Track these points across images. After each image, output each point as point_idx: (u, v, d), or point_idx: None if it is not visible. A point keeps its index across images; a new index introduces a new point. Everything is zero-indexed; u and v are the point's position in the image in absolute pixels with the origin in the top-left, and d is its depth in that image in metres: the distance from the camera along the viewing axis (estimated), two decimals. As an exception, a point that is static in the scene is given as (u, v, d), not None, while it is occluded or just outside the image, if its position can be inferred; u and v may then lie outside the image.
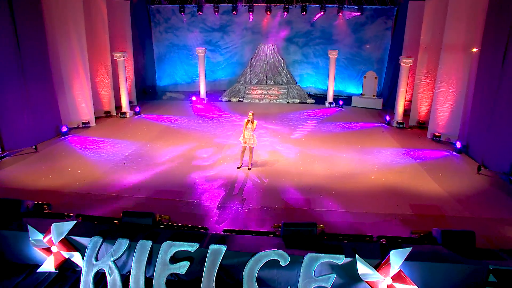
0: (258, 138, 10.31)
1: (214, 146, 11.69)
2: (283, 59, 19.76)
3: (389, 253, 4.88)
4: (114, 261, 5.84)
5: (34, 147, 11.14)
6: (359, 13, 18.51)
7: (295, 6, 19.07)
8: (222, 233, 6.40)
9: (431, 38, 13.02)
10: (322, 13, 18.81)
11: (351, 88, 19.59)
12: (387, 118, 14.63)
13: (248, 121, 9.41)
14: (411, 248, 4.94)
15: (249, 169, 9.86)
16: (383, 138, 12.95)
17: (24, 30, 11.09)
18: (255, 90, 19.37)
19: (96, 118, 14.61)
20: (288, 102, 18.77)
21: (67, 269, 5.81)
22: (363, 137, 13.00)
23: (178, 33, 20.53)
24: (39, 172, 9.59)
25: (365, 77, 17.61)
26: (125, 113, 15.46)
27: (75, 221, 5.96)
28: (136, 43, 18.62)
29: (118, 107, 15.75)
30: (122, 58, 15.03)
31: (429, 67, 13.30)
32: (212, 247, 5.59)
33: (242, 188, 8.74)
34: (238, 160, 10.03)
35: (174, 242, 5.78)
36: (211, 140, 12.34)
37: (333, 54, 17.15)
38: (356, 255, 5.02)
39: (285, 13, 19.06)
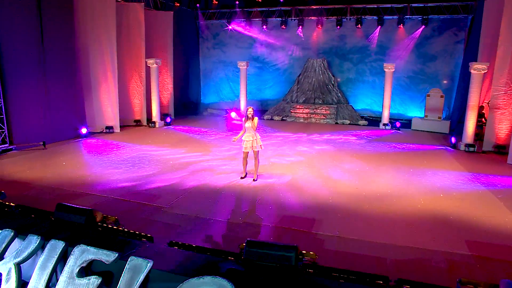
0: (280, 146, 8.42)
1: (226, 159, 10.03)
2: (333, 76, 17.81)
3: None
4: (17, 264, 4.25)
5: (42, 143, 10.60)
6: (423, 26, 16.03)
7: (349, 18, 17.27)
8: (166, 245, 4.60)
9: (514, 39, 10.23)
10: (379, 26, 16.71)
11: (413, 111, 16.74)
12: (453, 140, 11.71)
13: (247, 118, 7.64)
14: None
15: (254, 180, 7.96)
16: (444, 161, 10.15)
17: (50, 30, 10.94)
18: (300, 108, 17.58)
19: (125, 126, 14.09)
20: (336, 123, 16.60)
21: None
22: (416, 158, 10.34)
23: (225, 49, 19.88)
24: (28, 165, 8.86)
25: (428, 95, 14.81)
26: (154, 122, 14.71)
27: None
28: (182, 58, 18.31)
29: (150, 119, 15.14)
30: (155, 65, 14.47)
31: (512, 75, 10.41)
32: (133, 260, 3.76)
33: (238, 200, 6.87)
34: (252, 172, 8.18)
35: (89, 248, 4.06)
36: (223, 152, 10.72)
37: (389, 68, 14.82)
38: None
39: (338, 26, 17.33)
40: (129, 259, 3.60)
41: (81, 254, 3.99)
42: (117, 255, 3.80)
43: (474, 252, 5.13)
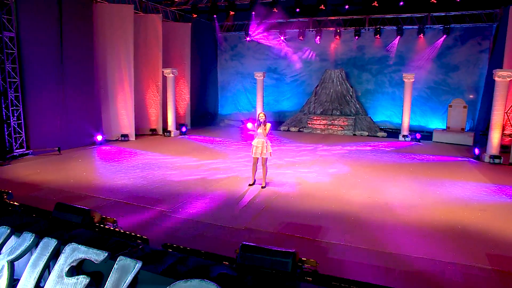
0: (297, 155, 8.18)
1: (236, 167, 9.83)
2: (352, 87, 17.48)
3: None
4: (11, 261, 4.17)
5: (57, 149, 10.76)
6: (445, 35, 15.56)
7: (368, 29, 17.02)
8: (160, 248, 4.42)
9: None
10: (399, 36, 16.35)
11: (435, 123, 16.12)
12: (476, 151, 11.11)
13: (260, 123, 7.47)
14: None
15: (263, 187, 7.72)
16: (465, 172, 9.59)
17: (70, 39, 11.25)
18: (317, 120, 17.29)
19: (141, 135, 14.22)
20: (354, 134, 16.18)
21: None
22: (435, 168, 9.83)
23: (243, 60, 19.97)
24: (40, 169, 9.00)
25: (450, 105, 14.25)
26: (169, 131, 14.77)
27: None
28: (200, 70, 18.47)
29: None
30: (172, 75, 14.61)
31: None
32: (121, 260, 3.59)
33: (243, 206, 6.63)
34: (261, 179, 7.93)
35: (79, 246, 3.93)
36: (234, 160, 10.54)
37: (408, 78, 14.39)
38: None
39: (356, 37, 17.09)
40: (117, 259, 3.42)
41: (71, 253, 3.83)
42: (106, 254, 3.62)
43: (496, 267, 4.68)
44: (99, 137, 12.26)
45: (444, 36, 15.60)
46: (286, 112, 19.32)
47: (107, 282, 3.28)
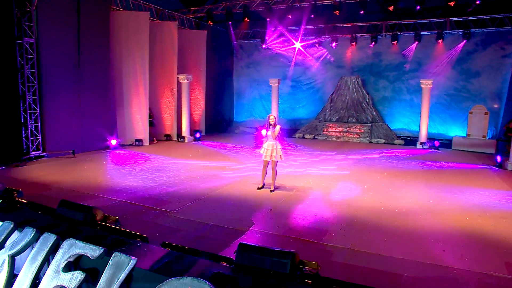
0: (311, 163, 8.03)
1: (246, 171, 9.73)
2: (368, 94, 17.17)
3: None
4: (12, 256, 4.17)
5: (72, 151, 10.95)
6: (465, 40, 15.13)
7: (385, 35, 16.75)
8: (158, 246, 4.33)
9: None
10: (416, 42, 16.01)
11: (455, 131, 15.58)
12: (499, 159, 10.62)
13: (269, 126, 7.36)
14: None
15: (271, 191, 7.57)
16: (486, 179, 9.15)
17: (87, 44, 11.50)
18: (333, 127, 17.04)
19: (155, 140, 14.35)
20: (370, 142, 15.84)
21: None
22: (453, 175, 9.43)
23: (259, 68, 19.98)
24: (54, 170, 9.15)
25: (471, 112, 13.77)
26: (184, 137, 14.84)
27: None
28: (216, 77, 18.58)
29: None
30: (186, 81, 14.73)
31: None
32: (116, 256, 3.53)
33: (249, 209, 6.49)
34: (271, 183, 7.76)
35: (77, 242, 3.89)
36: (245, 165, 10.43)
37: (426, 84, 14.04)
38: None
39: (373, 43, 16.85)
40: (113, 255, 3.35)
41: (69, 248, 3.79)
42: (102, 250, 3.55)
43: (514, 275, 4.36)
44: (113, 142, 12.41)
45: (464, 41, 15.16)
46: (302, 120, 19.12)
47: (101, 278, 3.21)
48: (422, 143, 14.13)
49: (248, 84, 20.38)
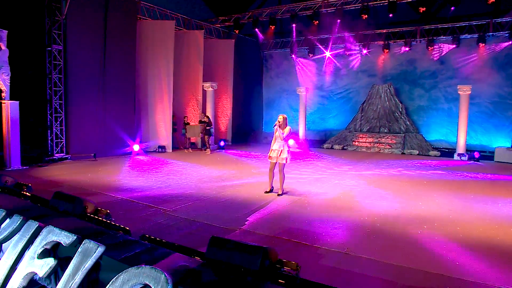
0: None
1: (260, 176, 9.35)
2: (401, 103, 16.26)
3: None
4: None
5: (93, 155, 11.21)
6: (510, 42, 13.92)
7: (419, 40, 15.88)
8: (137, 239, 4.10)
9: None
10: (454, 45, 14.99)
11: (499, 142, 14.23)
12: (546, 170, 9.43)
13: (278, 126, 7.00)
14: None
15: (279, 194, 7.15)
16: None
17: (113, 51, 11.90)
18: (363, 137, 16.27)
19: (179, 148, 14.41)
20: (403, 153, 14.87)
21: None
22: (488, 186, 8.46)
23: (288, 78, 19.73)
24: (72, 171, 9.36)
25: (516, 120, 12.48)
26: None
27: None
28: (244, 87, 18.55)
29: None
30: (211, 89, 14.78)
31: None
32: (85, 243, 3.33)
33: (250, 211, 6.11)
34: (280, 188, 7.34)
35: (54, 229, 3.76)
36: (259, 170, 10.04)
37: (464, 90, 13.01)
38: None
39: (407, 48, 16.01)
40: (82, 242, 3.18)
41: (47, 235, 3.67)
42: (75, 237, 3.38)
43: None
44: (136, 147, 12.59)
45: (510, 42, 13.95)
46: (333, 131, 18.46)
47: (69, 265, 3.02)
48: (460, 155, 13.01)
49: (278, 94, 20.16)
